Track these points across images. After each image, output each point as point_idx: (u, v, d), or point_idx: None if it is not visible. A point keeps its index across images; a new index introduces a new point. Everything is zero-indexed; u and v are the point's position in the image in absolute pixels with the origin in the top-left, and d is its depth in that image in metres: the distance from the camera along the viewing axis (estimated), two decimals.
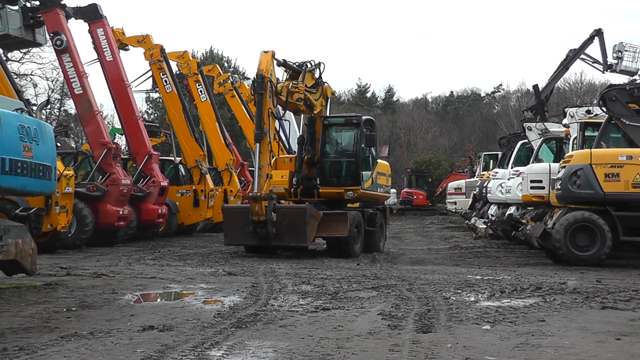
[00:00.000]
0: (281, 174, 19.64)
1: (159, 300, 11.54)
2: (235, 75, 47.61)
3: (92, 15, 24.18)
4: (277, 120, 37.42)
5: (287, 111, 21.31)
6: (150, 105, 63.62)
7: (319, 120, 20.06)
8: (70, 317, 9.28)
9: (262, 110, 17.71)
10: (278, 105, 19.23)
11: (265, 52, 18.29)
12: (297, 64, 19.51)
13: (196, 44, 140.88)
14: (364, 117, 20.52)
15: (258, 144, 17.65)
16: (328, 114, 20.61)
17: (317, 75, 19.90)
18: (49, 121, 42.60)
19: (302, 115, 20.76)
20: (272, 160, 19.31)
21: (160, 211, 24.70)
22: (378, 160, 21.21)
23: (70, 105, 53.11)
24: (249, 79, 43.55)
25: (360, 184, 19.62)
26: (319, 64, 19.90)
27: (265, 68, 17.92)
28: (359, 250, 19.04)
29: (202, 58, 57.73)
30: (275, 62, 18.64)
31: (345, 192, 19.45)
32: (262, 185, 17.60)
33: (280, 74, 19.01)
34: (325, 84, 20.20)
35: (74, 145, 48.23)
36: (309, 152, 19.82)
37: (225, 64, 61.04)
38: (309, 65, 19.58)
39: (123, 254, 19.27)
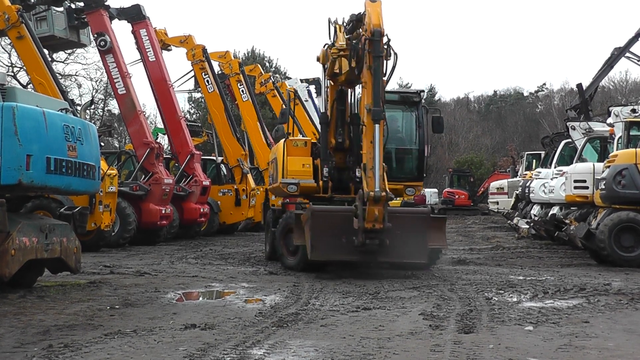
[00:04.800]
0: (301, 161, 15.70)
1: (200, 298, 11.62)
2: (277, 75, 47.66)
3: (135, 16, 24.40)
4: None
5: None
6: (193, 105, 64.09)
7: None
8: (113, 315, 9.37)
9: (380, 79, 13.22)
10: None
11: (372, 1, 13.66)
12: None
13: (238, 44, 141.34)
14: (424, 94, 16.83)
15: (377, 126, 13.08)
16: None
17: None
18: (92, 121, 43.10)
19: (322, 87, 16.17)
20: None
21: (202, 210, 24.85)
22: None
23: (113, 105, 53.80)
24: (290, 78, 43.53)
25: (423, 178, 16.62)
26: None
27: (381, 22, 13.34)
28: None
29: (243, 58, 58.02)
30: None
31: (404, 189, 16.10)
32: (383, 182, 13.20)
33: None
34: None
35: (117, 145, 48.82)
36: (339, 135, 15.66)
37: (267, 64, 61.24)
38: None
39: (165, 252, 19.42)
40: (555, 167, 23.65)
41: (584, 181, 19.56)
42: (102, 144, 18.09)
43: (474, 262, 17.64)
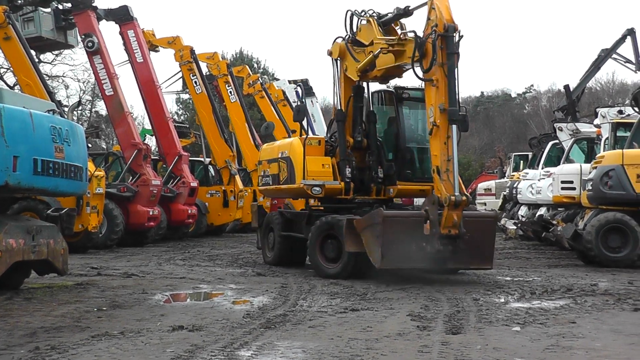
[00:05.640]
0: (320, 161, 14.90)
1: (188, 300, 11.60)
2: (265, 76, 47.67)
3: (122, 17, 24.35)
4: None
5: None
6: (181, 106, 63.89)
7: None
8: (101, 317, 9.35)
9: (455, 78, 12.63)
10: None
11: None
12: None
13: (226, 45, 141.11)
14: None
15: (454, 126, 12.53)
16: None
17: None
18: (80, 122, 43.02)
19: (335, 82, 15.34)
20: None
21: (190, 212, 24.81)
22: None
23: (101, 107, 53.51)
24: (279, 79, 43.54)
25: None
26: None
27: (453, 17, 12.68)
28: None
29: (231, 59, 57.86)
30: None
31: (431, 190, 14.48)
32: (461, 186, 12.89)
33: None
34: None
35: (104, 146, 48.62)
36: (358, 134, 15.03)
37: (255, 65, 61.06)
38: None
39: (153, 254, 19.38)
40: (542, 168, 23.74)
41: (571, 182, 19.66)
42: (90, 145, 18.07)
43: None
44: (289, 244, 16.17)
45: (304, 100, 38.27)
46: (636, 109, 17.20)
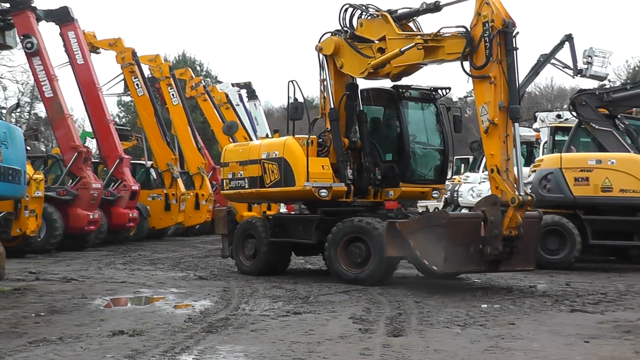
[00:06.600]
0: (319, 163, 14.29)
1: (129, 305, 11.48)
2: (208, 79, 47.44)
3: (63, 18, 24.00)
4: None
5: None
6: (122, 108, 63.24)
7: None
8: (39, 323, 9.20)
9: (515, 75, 12.34)
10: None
11: None
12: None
13: (168, 48, 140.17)
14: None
15: (516, 125, 12.22)
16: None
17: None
18: (18, 125, 42.22)
19: (327, 80, 14.78)
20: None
21: (131, 215, 24.54)
22: None
23: (40, 109, 52.66)
24: (221, 82, 43.32)
25: (445, 181, 15.83)
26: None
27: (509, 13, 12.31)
28: None
29: (174, 62, 57.47)
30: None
31: (430, 192, 15.17)
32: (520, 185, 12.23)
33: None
34: None
35: (44, 149, 47.96)
36: (353, 134, 14.60)
37: (198, 68, 60.73)
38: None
39: (93, 258, 19.13)
40: (483, 172, 24.01)
41: None
42: (29, 147, 17.74)
43: (403, 266, 17.76)
44: (278, 250, 15.24)
45: (258, 104, 38.30)
46: (574, 113, 17.54)
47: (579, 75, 29.44)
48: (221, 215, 16.71)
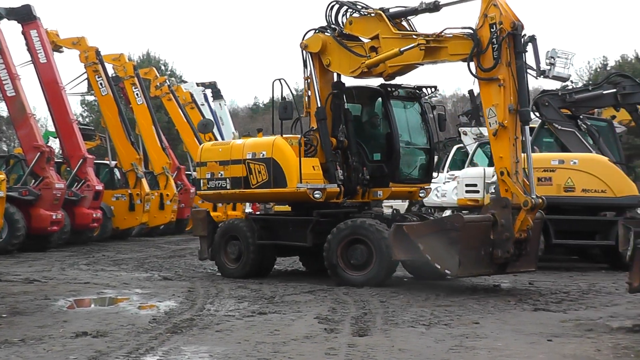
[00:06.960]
0: (310, 163, 13.93)
1: (92, 306, 11.41)
2: (172, 79, 47.23)
3: (25, 16, 23.73)
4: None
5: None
6: (85, 108, 62.69)
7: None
8: (0, 324, 9.10)
9: (525, 78, 12.45)
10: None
11: None
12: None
13: (132, 47, 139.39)
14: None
15: (527, 127, 12.22)
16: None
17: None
18: None
19: (313, 79, 14.38)
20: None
21: (94, 215, 24.33)
22: None
23: (2, 108, 52.09)
24: (186, 82, 43.17)
25: (431, 180, 15.70)
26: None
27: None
28: None
29: (138, 61, 57.07)
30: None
31: (417, 192, 15.15)
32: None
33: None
34: None
35: (5, 149, 47.39)
36: (340, 133, 14.23)
37: (162, 67, 60.40)
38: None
39: (56, 259, 18.95)
40: (447, 172, 24.13)
41: (475, 185, 20.01)
42: None
43: None
44: (264, 253, 14.86)
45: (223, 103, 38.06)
46: (537, 114, 17.68)
47: (541, 76, 29.71)
48: (200, 216, 16.05)
